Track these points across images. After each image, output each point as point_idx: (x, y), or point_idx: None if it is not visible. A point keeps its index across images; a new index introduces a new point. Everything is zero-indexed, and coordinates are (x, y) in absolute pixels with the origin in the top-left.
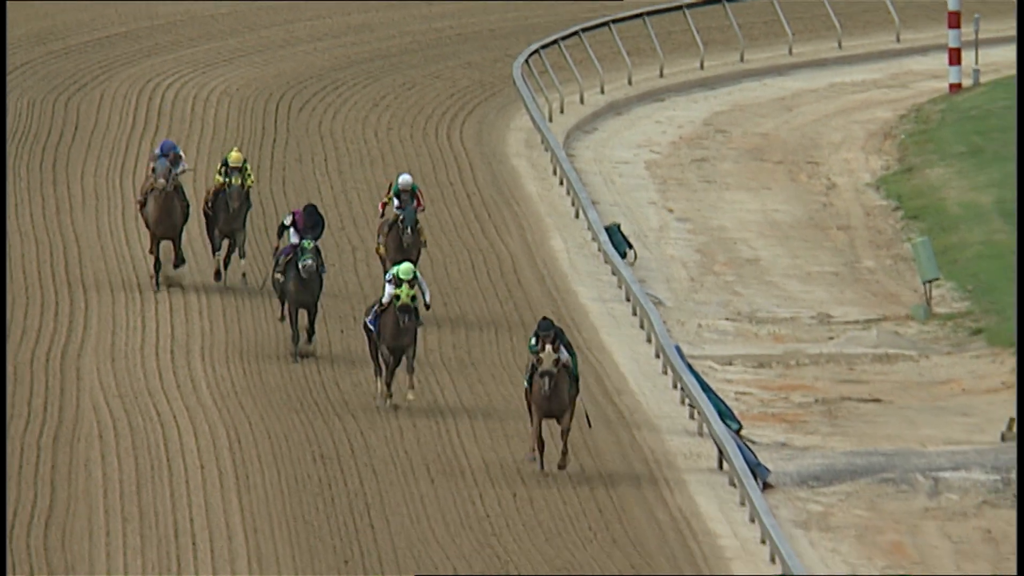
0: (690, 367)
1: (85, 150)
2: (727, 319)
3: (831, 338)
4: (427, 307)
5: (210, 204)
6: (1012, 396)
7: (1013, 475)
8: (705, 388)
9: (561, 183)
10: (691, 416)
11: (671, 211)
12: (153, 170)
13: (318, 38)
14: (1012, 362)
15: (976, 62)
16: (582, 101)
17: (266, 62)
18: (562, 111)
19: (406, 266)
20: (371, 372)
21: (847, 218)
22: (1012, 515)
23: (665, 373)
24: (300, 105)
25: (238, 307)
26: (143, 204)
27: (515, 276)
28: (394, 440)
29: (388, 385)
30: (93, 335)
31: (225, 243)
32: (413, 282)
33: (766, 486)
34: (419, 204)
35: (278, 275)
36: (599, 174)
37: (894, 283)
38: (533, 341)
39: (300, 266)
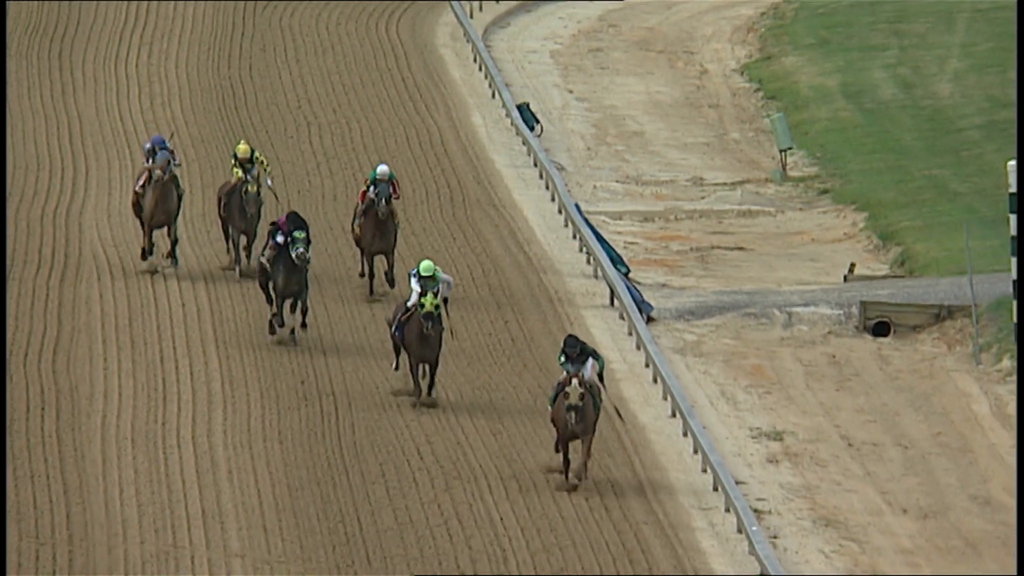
0: (587, 221)
1: (85, 42)
2: (617, 181)
3: (703, 197)
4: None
5: (224, 203)
6: (853, 245)
7: (854, 309)
8: (599, 238)
9: (480, 69)
10: (588, 262)
11: (571, 92)
12: (147, 161)
13: None
14: (853, 216)
15: None
16: (498, 0)
17: None
18: (481, 9)
19: (426, 263)
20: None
21: (717, 98)
22: (853, 342)
23: (566, 226)
24: (264, 4)
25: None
26: (140, 195)
27: (442, 147)
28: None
29: (418, 386)
30: (92, 196)
31: (243, 238)
32: (434, 282)
33: (649, 319)
34: (394, 191)
35: (264, 261)
36: (512, 62)
37: (755, 152)
38: (563, 358)
39: (293, 255)
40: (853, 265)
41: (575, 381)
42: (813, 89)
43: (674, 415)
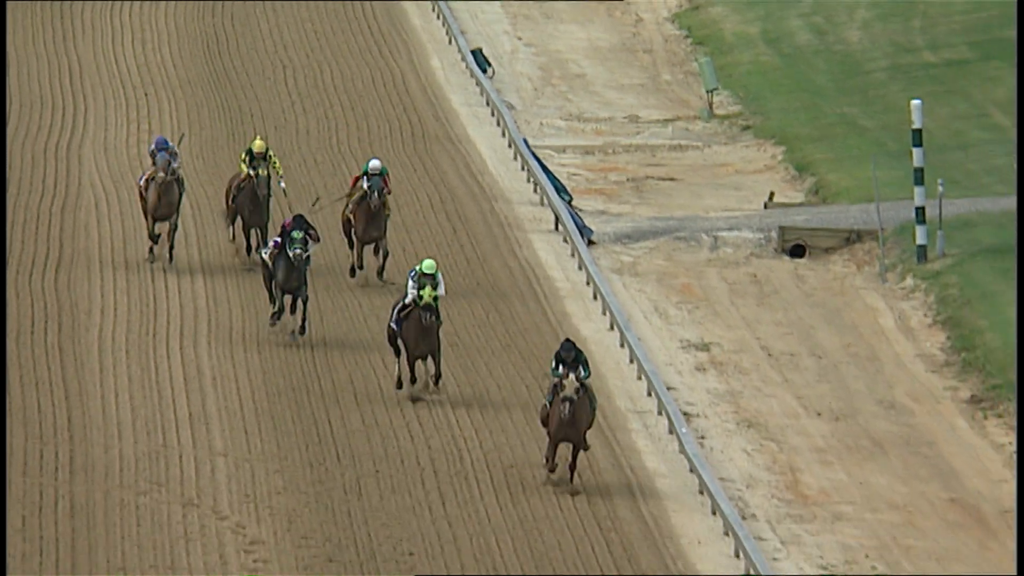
0: (534, 154)
1: None
2: (561, 119)
3: (638, 133)
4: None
5: (234, 196)
6: (772, 176)
7: (773, 233)
8: (545, 170)
9: (439, 18)
10: (534, 191)
11: (520, 39)
12: (154, 162)
13: None
14: (772, 150)
15: None
16: None
17: None
18: None
19: (428, 262)
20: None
21: (650, 44)
22: (772, 263)
23: (515, 159)
24: None
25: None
26: (144, 190)
27: (404, 87)
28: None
29: (412, 371)
30: (91, 132)
31: (253, 233)
32: (434, 280)
33: (590, 243)
34: (386, 185)
35: (265, 257)
36: (467, 11)
37: (685, 92)
38: (554, 365)
39: (290, 254)
40: (772, 194)
41: (571, 376)
42: (736, 36)
43: (612, 328)
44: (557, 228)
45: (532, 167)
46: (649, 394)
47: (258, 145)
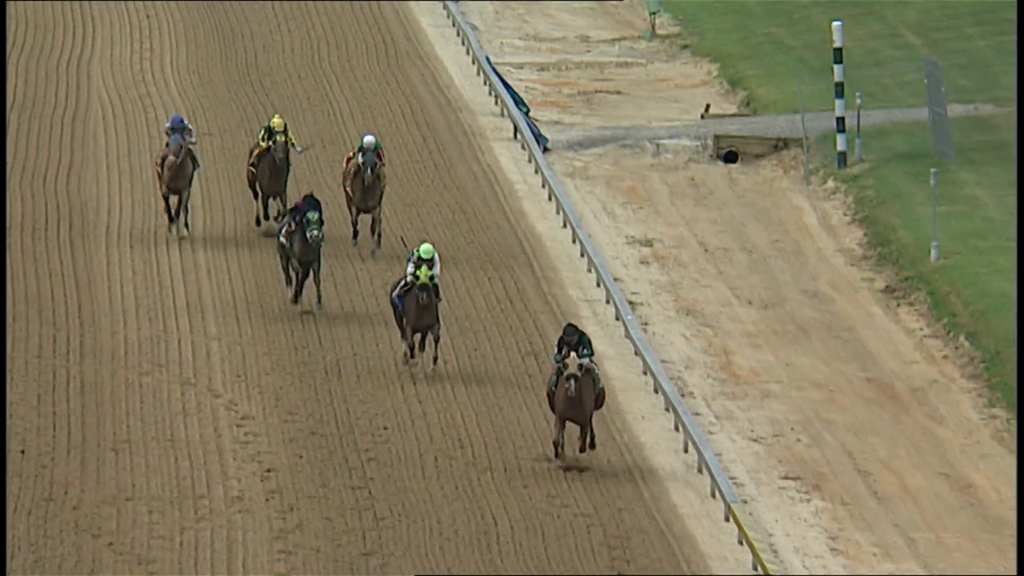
0: (495, 70)
1: None
2: (519, 39)
3: (588, 51)
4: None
5: (254, 164)
6: (708, 90)
7: (709, 141)
8: (504, 84)
9: None
10: (495, 103)
11: None
12: (167, 144)
13: None
14: (708, 67)
15: None
16: None
17: None
18: None
19: (426, 246)
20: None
21: None
22: (708, 168)
23: (478, 75)
24: None
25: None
26: (161, 167)
27: (379, 11)
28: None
29: (412, 349)
30: (98, 50)
31: (272, 203)
32: (431, 262)
33: (545, 149)
34: (380, 159)
35: (282, 239)
36: None
37: (630, 15)
38: (557, 349)
39: (307, 235)
40: (708, 106)
41: (573, 354)
42: None
43: (565, 226)
44: (516, 136)
45: (493, 82)
46: (598, 285)
47: (276, 122)
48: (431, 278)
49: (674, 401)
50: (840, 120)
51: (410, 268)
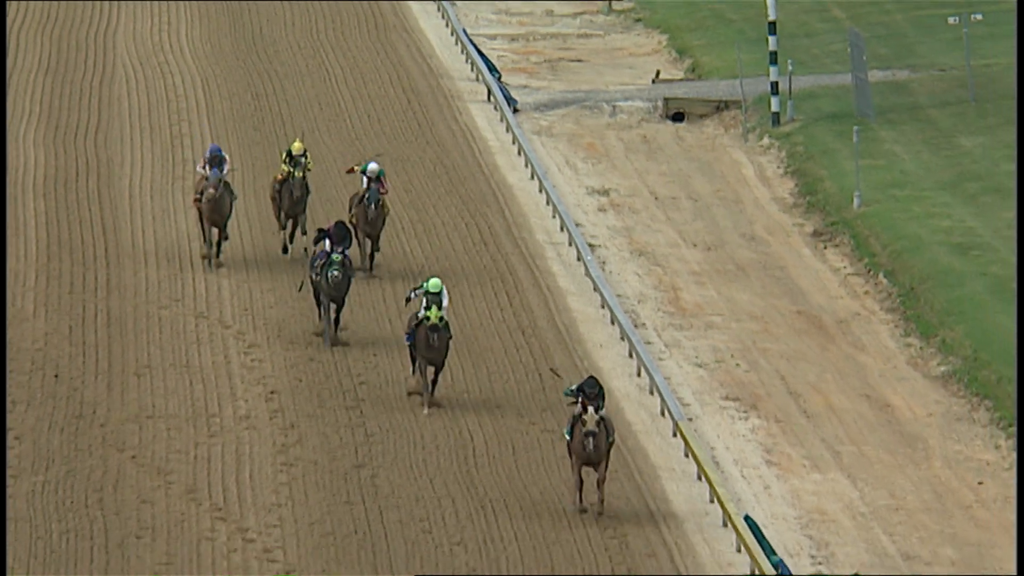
0: (471, 41)
1: None
2: (492, 13)
3: (553, 24)
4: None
5: (277, 190)
6: (658, 57)
7: (659, 103)
8: (479, 53)
9: None
10: (471, 69)
11: None
12: (206, 179)
13: None
14: (659, 37)
15: None
16: None
17: None
18: None
19: (434, 281)
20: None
21: None
22: (658, 127)
23: (456, 45)
24: None
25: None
26: (199, 200)
27: None
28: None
29: (425, 385)
30: (122, 23)
31: (290, 223)
32: (439, 296)
33: (515, 110)
34: (383, 187)
35: (314, 276)
36: None
37: None
38: (572, 389)
39: (328, 275)
40: (658, 72)
41: (591, 409)
42: None
43: (532, 178)
44: (489, 99)
45: (469, 51)
46: (562, 229)
47: (296, 147)
48: (440, 319)
49: (628, 331)
50: (774, 84)
51: (421, 304)
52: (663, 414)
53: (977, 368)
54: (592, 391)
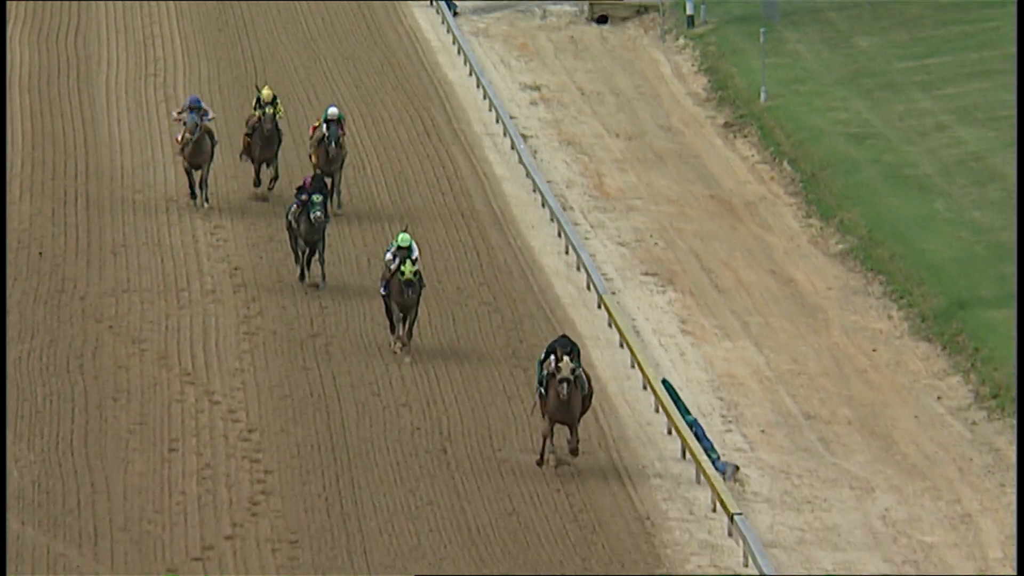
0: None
1: None
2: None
3: None
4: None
5: (249, 134)
6: None
7: (585, 6)
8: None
9: None
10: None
11: None
12: (183, 123)
13: None
14: None
15: None
16: None
17: None
18: None
19: (403, 236)
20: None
21: None
22: (585, 28)
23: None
24: None
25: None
26: (183, 146)
27: None
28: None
29: (400, 337)
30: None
31: (263, 168)
32: (410, 250)
33: (455, 14)
34: (341, 130)
35: (293, 221)
36: None
37: None
38: (543, 356)
39: (311, 217)
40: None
41: (566, 359)
42: None
43: (471, 74)
44: (431, 3)
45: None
46: (497, 121)
47: (266, 93)
48: (415, 273)
49: (557, 213)
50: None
51: (388, 256)
52: (589, 288)
53: (872, 246)
54: (565, 348)
